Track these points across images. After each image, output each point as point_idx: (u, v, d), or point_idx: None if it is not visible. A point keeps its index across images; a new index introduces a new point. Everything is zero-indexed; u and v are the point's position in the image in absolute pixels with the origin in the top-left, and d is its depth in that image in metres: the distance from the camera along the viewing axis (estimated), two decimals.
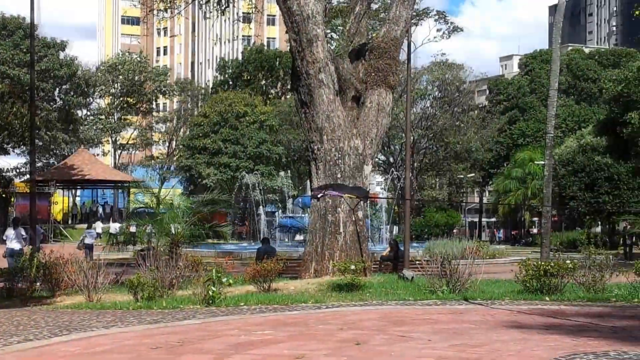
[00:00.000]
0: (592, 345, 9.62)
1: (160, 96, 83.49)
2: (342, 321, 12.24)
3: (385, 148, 62.81)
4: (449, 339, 10.35)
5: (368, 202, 26.17)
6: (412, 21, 29.39)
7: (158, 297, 15.30)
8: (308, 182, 26.71)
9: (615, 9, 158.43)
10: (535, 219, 68.27)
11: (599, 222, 60.86)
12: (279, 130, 65.85)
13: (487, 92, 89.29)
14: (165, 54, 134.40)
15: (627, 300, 14.37)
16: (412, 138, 59.45)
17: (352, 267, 16.62)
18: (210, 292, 14.34)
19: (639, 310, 13.30)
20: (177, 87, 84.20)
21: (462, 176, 71.68)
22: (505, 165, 71.77)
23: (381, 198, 52.18)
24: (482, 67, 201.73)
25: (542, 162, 25.28)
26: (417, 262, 21.26)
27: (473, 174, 73.07)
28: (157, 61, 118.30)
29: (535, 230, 67.09)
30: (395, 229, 53.15)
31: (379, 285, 17.32)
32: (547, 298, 14.69)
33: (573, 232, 57.35)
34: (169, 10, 28.98)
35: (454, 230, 63.65)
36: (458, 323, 11.95)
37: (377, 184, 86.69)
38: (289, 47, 23.69)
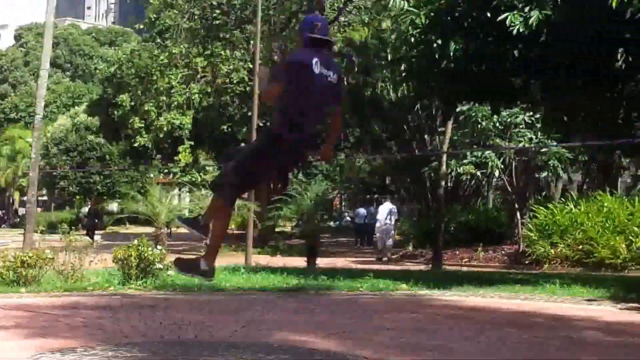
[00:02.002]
0: (60, 343, 9.44)
1: None
2: None
3: None
4: None
5: None
6: None
7: None
8: None
9: None
10: (25, 198, 66.68)
11: (89, 202, 61.81)
12: None
13: None
14: None
15: (103, 288, 14.60)
16: None
17: None
18: None
19: (112, 299, 13.57)
20: None
21: None
22: None
23: None
24: None
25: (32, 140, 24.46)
26: None
27: None
28: None
29: (24, 211, 65.35)
30: None
31: None
32: (23, 290, 14.24)
33: (63, 212, 57.37)
34: None
35: None
36: None
37: None
38: None
